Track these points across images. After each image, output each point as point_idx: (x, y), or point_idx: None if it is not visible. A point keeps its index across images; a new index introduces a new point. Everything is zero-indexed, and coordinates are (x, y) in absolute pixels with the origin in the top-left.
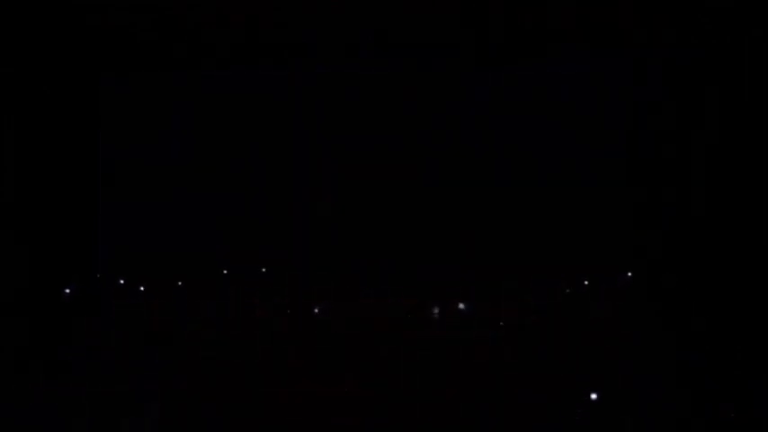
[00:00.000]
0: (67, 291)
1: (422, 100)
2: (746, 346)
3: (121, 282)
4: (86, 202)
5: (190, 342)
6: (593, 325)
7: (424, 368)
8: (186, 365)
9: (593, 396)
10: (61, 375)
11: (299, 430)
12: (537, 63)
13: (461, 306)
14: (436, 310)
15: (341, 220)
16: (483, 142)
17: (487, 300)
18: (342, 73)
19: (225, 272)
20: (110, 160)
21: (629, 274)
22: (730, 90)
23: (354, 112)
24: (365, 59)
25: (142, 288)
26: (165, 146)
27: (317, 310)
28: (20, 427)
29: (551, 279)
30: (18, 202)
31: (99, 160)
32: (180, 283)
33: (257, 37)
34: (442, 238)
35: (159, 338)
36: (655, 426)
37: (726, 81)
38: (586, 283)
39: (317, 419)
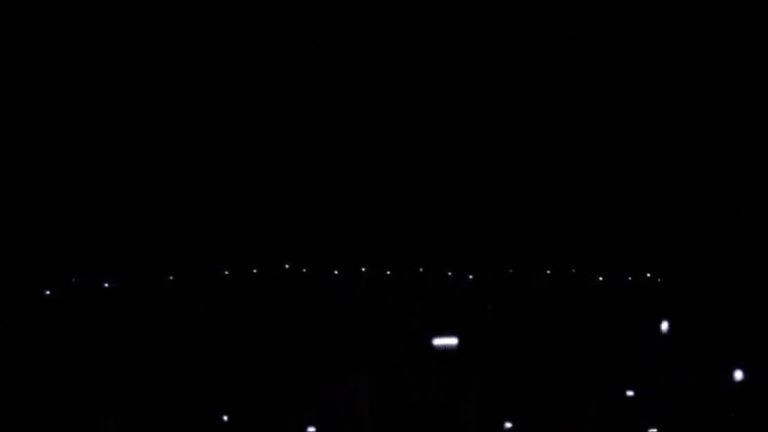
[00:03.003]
0: (47, 293)
1: (421, 100)
2: (746, 345)
3: (119, 282)
4: (85, 203)
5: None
6: (595, 324)
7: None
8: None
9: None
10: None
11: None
12: (540, 67)
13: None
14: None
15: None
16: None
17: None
18: (342, 74)
19: (225, 272)
20: (111, 164)
21: (648, 275)
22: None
23: (355, 113)
24: (366, 61)
25: (139, 288)
26: (164, 149)
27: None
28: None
29: (554, 278)
30: (17, 203)
31: (101, 164)
32: (177, 283)
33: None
34: (444, 239)
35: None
36: (655, 424)
37: (724, 82)
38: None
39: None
